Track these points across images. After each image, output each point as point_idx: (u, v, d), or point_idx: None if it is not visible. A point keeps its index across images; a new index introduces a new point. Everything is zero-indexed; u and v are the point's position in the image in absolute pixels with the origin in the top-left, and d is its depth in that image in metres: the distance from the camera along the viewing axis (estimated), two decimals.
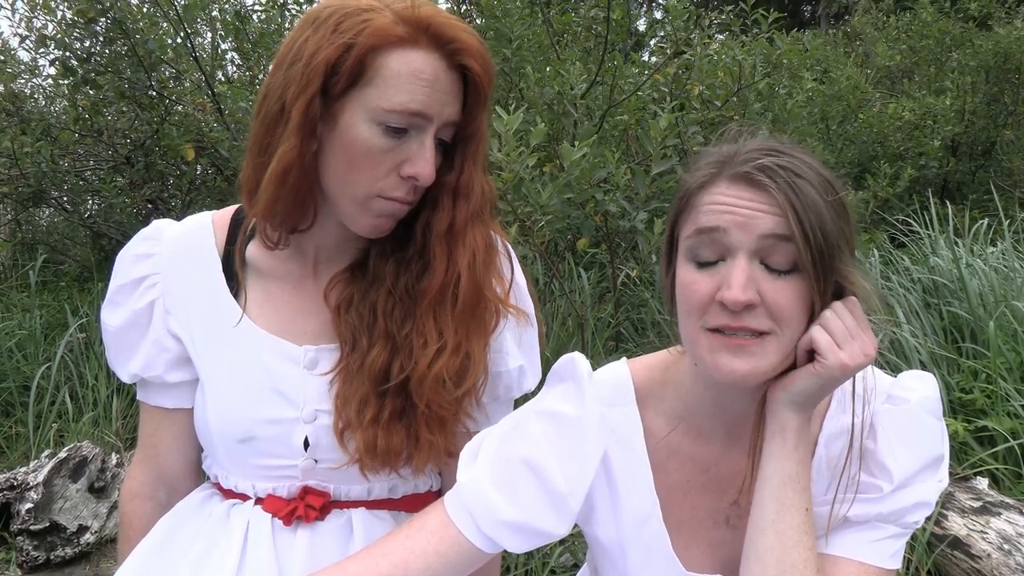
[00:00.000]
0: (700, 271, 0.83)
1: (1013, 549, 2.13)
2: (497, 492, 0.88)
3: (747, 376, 0.81)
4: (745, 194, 0.81)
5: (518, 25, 3.73)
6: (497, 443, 0.92)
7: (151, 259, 1.06)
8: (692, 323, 0.84)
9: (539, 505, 0.88)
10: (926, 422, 0.90)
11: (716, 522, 0.96)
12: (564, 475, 0.89)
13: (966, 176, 6.49)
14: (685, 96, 3.70)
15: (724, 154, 0.86)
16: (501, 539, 0.88)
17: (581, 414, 0.91)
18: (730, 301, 0.78)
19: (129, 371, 1.07)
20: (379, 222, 0.95)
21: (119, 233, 4.65)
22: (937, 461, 0.90)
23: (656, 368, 0.99)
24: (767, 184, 0.80)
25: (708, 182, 0.85)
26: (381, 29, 0.87)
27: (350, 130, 0.89)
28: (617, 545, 0.97)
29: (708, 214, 0.82)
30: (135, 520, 1.11)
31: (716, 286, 0.81)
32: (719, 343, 0.81)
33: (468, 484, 0.90)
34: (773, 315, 0.80)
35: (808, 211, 0.79)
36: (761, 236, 0.80)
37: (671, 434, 0.96)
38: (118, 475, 2.93)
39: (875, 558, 0.88)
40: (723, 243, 0.81)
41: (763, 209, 0.80)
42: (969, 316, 3.31)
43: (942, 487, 0.91)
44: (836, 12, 12.66)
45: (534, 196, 2.61)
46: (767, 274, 0.80)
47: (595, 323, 3.46)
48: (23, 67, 4.70)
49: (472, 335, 0.97)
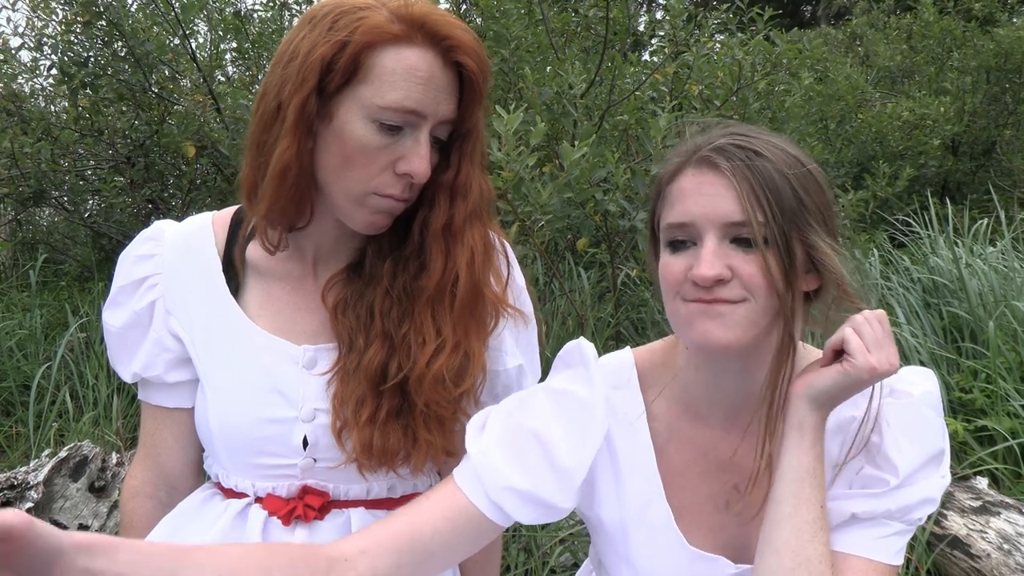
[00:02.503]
0: (674, 255, 0.88)
1: (1013, 549, 2.13)
2: (505, 461, 0.90)
3: (724, 339, 0.84)
4: (706, 178, 0.86)
5: (516, 25, 3.73)
6: (504, 416, 0.95)
7: (152, 260, 1.06)
8: (670, 299, 0.88)
9: (545, 476, 0.91)
10: (929, 416, 0.92)
11: (716, 506, 0.97)
12: (568, 450, 0.92)
13: (966, 176, 6.49)
14: (684, 96, 3.70)
15: (691, 144, 0.91)
16: (509, 507, 0.90)
17: (589, 394, 0.94)
18: (699, 277, 0.83)
19: (130, 371, 1.08)
20: (375, 219, 0.95)
21: (119, 233, 4.65)
22: (939, 456, 0.92)
23: (657, 353, 1.02)
24: (723, 165, 0.85)
25: (677, 171, 0.90)
26: (376, 26, 0.87)
27: (345, 127, 0.90)
28: (620, 527, 0.98)
29: (678, 205, 0.88)
30: (136, 519, 1.11)
31: (688, 265, 0.86)
32: (697, 309, 0.85)
33: (477, 453, 0.92)
34: (746, 286, 0.84)
35: (763, 187, 0.84)
36: (723, 220, 0.85)
37: (671, 418, 0.98)
38: (118, 474, 2.93)
39: (882, 554, 0.89)
40: (693, 230, 0.86)
41: (722, 193, 0.85)
42: (969, 316, 3.31)
43: (945, 483, 0.93)
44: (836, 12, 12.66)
45: (534, 196, 2.61)
46: (736, 249, 0.85)
47: (595, 323, 3.46)
48: (23, 67, 4.70)
49: (471, 334, 0.97)
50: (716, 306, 0.84)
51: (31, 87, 5.00)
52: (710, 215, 0.85)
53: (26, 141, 4.14)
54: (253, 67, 4.61)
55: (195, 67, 3.95)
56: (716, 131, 0.91)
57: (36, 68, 4.54)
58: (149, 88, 3.88)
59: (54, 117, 4.63)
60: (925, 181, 5.90)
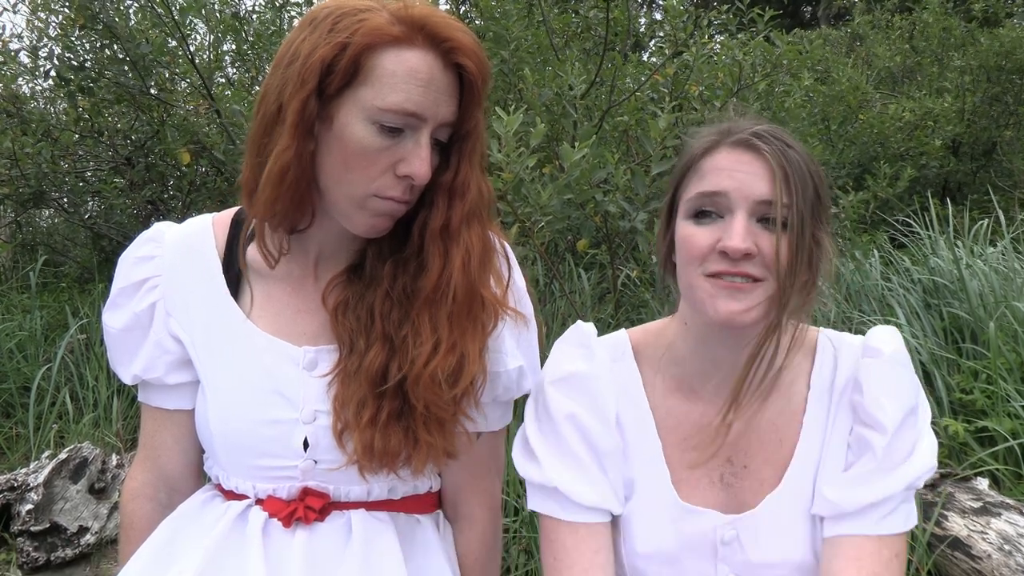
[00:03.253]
0: (699, 226, 0.92)
1: (1013, 550, 2.13)
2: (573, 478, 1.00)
3: (741, 315, 0.90)
4: (744, 157, 0.92)
5: (516, 26, 3.73)
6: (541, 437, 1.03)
7: (152, 261, 1.06)
8: (692, 270, 0.92)
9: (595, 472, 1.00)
10: (902, 373, 0.98)
11: (712, 481, 1.02)
12: (603, 431, 1.01)
13: (967, 176, 6.48)
14: (684, 96, 3.70)
15: (725, 126, 0.97)
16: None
17: (590, 368, 1.02)
18: (731, 249, 0.88)
19: (130, 373, 1.08)
20: (376, 221, 0.95)
21: (119, 234, 4.65)
22: (915, 408, 0.98)
23: (651, 332, 1.09)
24: (762, 148, 0.91)
25: (711, 148, 0.95)
26: (376, 28, 0.87)
27: (346, 129, 0.89)
28: (629, 486, 1.03)
29: (712, 176, 0.92)
30: (136, 521, 1.11)
31: (716, 238, 0.90)
32: (718, 286, 0.90)
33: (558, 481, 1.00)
34: (767, 264, 0.89)
35: (795, 175, 0.90)
36: (755, 198, 0.90)
37: (666, 391, 1.04)
38: (118, 476, 2.93)
39: (892, 526, 0.95)
40: (724, 203, 0.91)
41: (758, 172, 0.90)
42: (969, 317, 3.31)
43: (935, 444, 0.99)
44: (836, 13, 12.66)
45: (534, 197, 2.61)
46: (762, 229, 0.90)
47: (595, 324, 3.44)
48: (23, 68, 4.70)
49: (467, 335, 0.97)
50: (740, 288, 0.89)
51: (31, 88, 5.01)
52: (744, 191, 0.90)
53: (26, 142, 4.14)
54: (252, 68, 4.61)
55: (194, 69, 3.94)
56: (748, 120, 0.97)
57: (36, 70, 4.54)
58: (147, 90, 3.88)
59: (54, 118, 4.63)
60: (926, 182, 5.90)
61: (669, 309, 1.09)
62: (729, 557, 1.00)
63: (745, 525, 0.99)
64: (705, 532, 1.00)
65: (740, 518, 0.99)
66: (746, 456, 1.01)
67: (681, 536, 1.00)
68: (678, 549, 1.00)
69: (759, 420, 1.01)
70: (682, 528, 1.00)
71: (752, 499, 1.00)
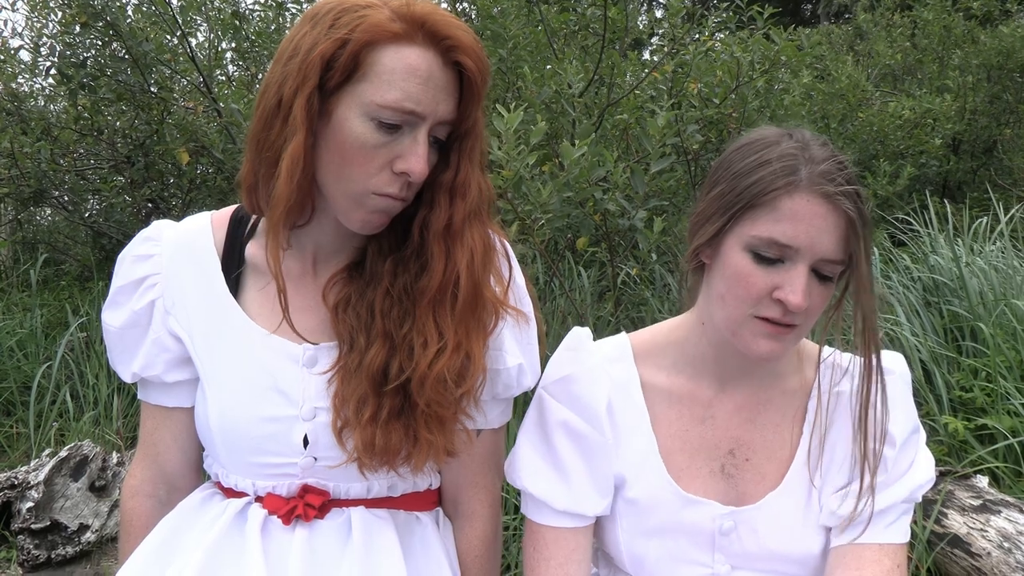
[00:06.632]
0: (759, 266, 0.92)
1: (1013, 547, 2.13)
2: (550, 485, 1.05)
3: (777, 356, 0.94)
4: (820, 209, 0.90)
5: (514, 25, 3.72)
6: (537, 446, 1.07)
7: (151, 260, 1.06)
8: (741, 307, 0.93)
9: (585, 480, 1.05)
10: (907, 392, 1.04)
11: (712, 471, 1.04)
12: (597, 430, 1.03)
13: (967, 175, 6.48)
14: (683, 94, 3.69)
15: (801, 153, 0.93)
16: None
17: (579, 370, 1.05)
18: (794, 305, 0.89)
19: (130, 371, 1.08)
20: (372, 218, 0.95)
21: (119, 232, 4.65)
22: (918, 426, 1.04)
23: (657, 333, 1.11)
24: (842, 204, 0.90)
25: (791, 188, 0.91)
26: (377, 25, 0.87)
27: (344, 125, 0.89)
28: (621, 481, 1.05)
29: (788, 225, 0.90)
30: (136, 518, 1.11)
31: (773, 284, 0.91)
32: (764, 329, 0.92)
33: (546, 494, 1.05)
34: (809, 313, 0.92)
35: (863, 231, 0.91)
36: (821, 256, 0.90)
37: (671, 388, 1.06)
38: (119, 474, 2.93)
39: (894, 536, 1.00)
40: (790, 253, 0.91)
41: (830, 229, 0.90)
42: (969, 315, 3.31)
43: (932, 462, 1.05)
44: (836, 11, 12.64)
45: (534, 195, 2.61)
46: (816, 281, 0.92)
47: (595, 322, 3.45)
48: (23, 66, 4.70)
49: (472, 334, 0.97)
50: (782, 333, 0.92)
51: (31, 87, 5.00)
52: (815, 247, 0.90)
53: (26, 141, 4.14)
54: (252, 66, 4.60)
55: (194, 67, 3.94)
56: (819, 146, 0.94)
57: (36, 68, 4.54)
58: (148, 88, 3.88)
59: (54, 117, 4.63)
60: (926, 180, 5.89)
61: (669, 307, 1.11)
62: (726, 547, 1.02)
63: (744, 518, 1.02)
64: (704, 522, 1.02)
65: (740, 511, 1.02)
66: (749, 450, 1.04)
67: (681, 525, 1.02)
68: (677, 537, 1.03)
69: (763, 421, 1.05)
70: (682, 517, 1.02)
71: (752, 492, 1.03)
